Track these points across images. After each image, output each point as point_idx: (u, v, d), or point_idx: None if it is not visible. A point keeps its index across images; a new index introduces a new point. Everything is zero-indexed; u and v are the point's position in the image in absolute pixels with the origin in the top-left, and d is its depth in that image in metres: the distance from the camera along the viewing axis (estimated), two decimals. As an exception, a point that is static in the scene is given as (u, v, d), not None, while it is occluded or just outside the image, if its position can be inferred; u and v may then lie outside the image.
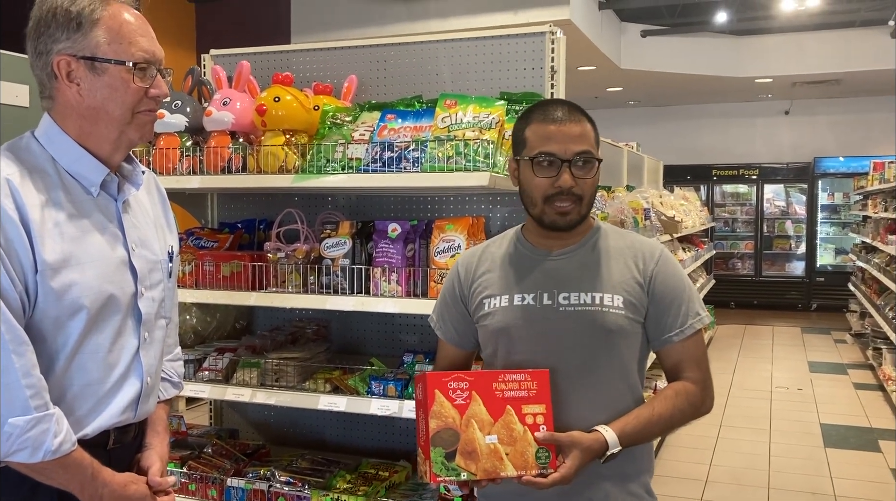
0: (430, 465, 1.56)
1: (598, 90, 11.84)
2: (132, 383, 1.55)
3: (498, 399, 1.62)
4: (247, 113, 2.55)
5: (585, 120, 1.79)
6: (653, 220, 5.40)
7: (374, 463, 2.69)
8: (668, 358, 1.80)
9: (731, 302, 12.44)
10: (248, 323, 3.21)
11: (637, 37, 10.49)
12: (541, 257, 1.82)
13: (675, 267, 1.82)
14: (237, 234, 2.86)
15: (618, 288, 1.76)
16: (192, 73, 2.72)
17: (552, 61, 2.70)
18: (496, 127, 2.27)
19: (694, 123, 13.59)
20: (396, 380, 2.40)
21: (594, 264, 1.80)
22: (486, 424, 1.60)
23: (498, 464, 1.58)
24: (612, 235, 1.85)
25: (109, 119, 1.50)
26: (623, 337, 1.75)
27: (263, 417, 3.20)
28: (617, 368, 1.76)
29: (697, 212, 8.63)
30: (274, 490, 2.53)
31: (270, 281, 2.53)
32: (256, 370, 2.58)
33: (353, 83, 2.84)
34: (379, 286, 2.38)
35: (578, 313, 1.74)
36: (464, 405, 1.60)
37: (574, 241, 1.81)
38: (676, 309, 1.77)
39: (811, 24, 10.04)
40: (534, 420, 1.62)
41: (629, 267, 1.79)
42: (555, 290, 1.77)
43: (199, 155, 2.55)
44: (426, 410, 1.60)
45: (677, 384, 1.78)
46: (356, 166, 2.34)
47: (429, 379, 1.61)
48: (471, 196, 2.83)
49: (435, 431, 1.57)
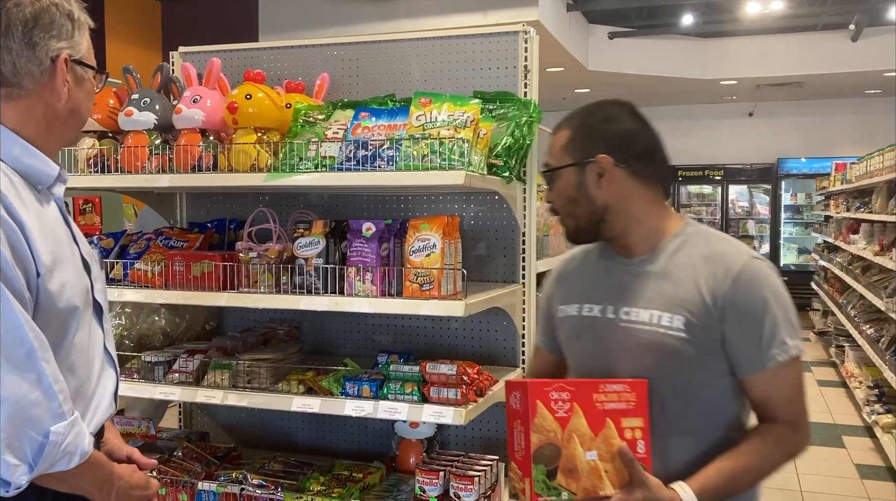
0: (531, 484, 1.44)
1: (566, 91, 11.91)
2: (109, 375, 1.58)
3: (598, 411, 1.50)
4: (217, 110, 2.52)
5: (562, 127, 1.73)
6: (622, 220, 5.44)
7: (348, 465, 2.67)
8: (752, 392, 1.59)
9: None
10: (219, 325, 3.17)
11: (604, 38, 10.58)
12: (617, 265, 1.71)
13: (756, 287, 1.56)
14: (207, 234, 2.82)
15: (679, 308, 1.58)
16: (161, 69, 2.67)
17: (525, 60, 2.71)
18: (471, 125, 2.27)
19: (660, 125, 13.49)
20: (371, 381, 2.38)
21: (661, 278, 1.63)
22: (586, 439, 1.48)
23: (598, 483, 1.47)
24: (696, 243, 1.65)
25: (79, 122, 1.55)
26: (681, 362, 1.57)
27: (234, 419, 3.16)
28: (676, 397, 1.59)
29: (665, 212, 8.70)
30: (246, 493, 2.49)
31: (242, 281, 2.49)
32: (228, 371, 2.54)
33: (326, 81, 2.81)
34: (353, 286, 2.36)
35: (635, 331, 1.62)
36: (565, 418, 1.47)
37: (647, 249, 1.67)
38: (755, 338, 1.55)
39: (775, 27, 10.21)
40: (632, 435, 1.50)
41: (697, 284, 1.58)
42: (619, 303, 1.66)
43: (169, 153, 2.51)
44: (526, 423, 1.46)
45: (764, 427, 1.58)
46: (330, 165, 2.32)
47: (530, 388, 1.48)
48: (445, 195, 2.82)
49: (537, 446, 1.45)
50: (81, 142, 2.64)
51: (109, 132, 2.68)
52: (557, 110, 1.84)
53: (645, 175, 1.69)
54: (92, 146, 2.62)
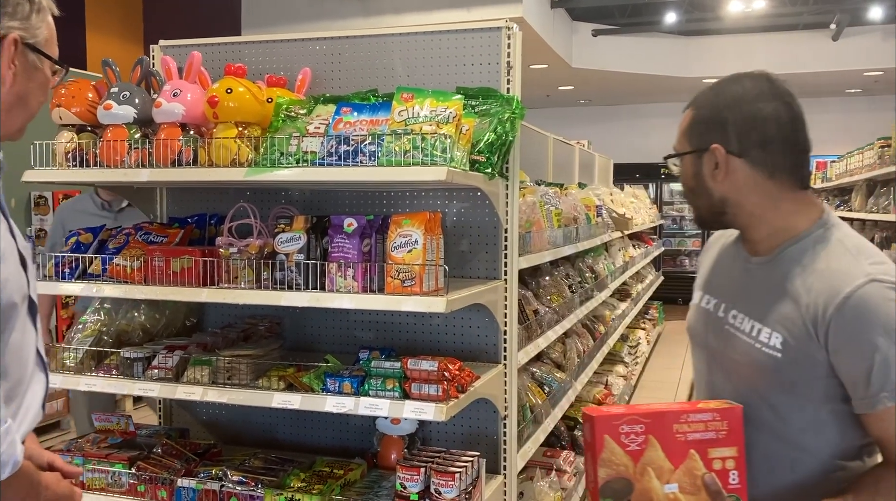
0: None
1: (549, 89, 11.94)
2: (40, 379, 1.48)
3: (679, 442, 1.40)
4: (198, 104, 2.49)
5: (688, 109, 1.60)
6: (604, 217, 5.46)
7: (329, 461, 2.66)
8: (869, 429, 1.41)
9: (679, 298, 12.64)
10: (199, 321, 3.14)
11: (588, 36, 10.61)
12: (740, 261, 1.60)
13: (864, 319, 1.35)
14: (188, 229, 2.80)
15: (780, 324, 1.44)
16: (140, 63, 2.64)
17: (508, 56, 2.70)
18: (453, 121, 2.26)
19: (643, 122, 13.79)
20: (352, 377, 2.37)
21: (772, 285, 1.49)
22: (665, 472, 1.39)
23: None
24: (817, 248, 1.46)
25: (25, 113, 1.45)
26: (779, 386, 1.44)
27: (214, 416, 3.14)
28: (772, 423, 1.47)
29: (647, 209, 8.76)
30: (226, 490, 2.48)
31: (222, 276, 2.47)
32: (208, 368, 2.53)
33: (308, 76, 2.79)
34: (334, 281, 2.35)
35: (735, 340, 1.51)
36: (638, 451, 1.39)
37: (765, 250, 1.53)
38: (862, 372, 1.36)
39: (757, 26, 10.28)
40: (723, 466, 1.40)
41: (801, 302, 1.42)
42: (730, 303, 1.56)
43: (149, 147, 2.48)
44: (594, 456, 1.40)
45: (883, 471, 1.41)
46: (311, 160, 2.31)
47: (597, 421, 1.40)
48: (428, 191, 2.82)
49: (605, 481, 1.38)
50: (59, 135, 2.61)
51: (88, 126, 2.64)
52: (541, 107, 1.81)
53: (769, 166, 1.50)
54: (70, 140, 2.59)
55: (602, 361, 5.34)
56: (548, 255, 3.49)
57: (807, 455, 1.47)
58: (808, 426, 1.46)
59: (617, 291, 6.58)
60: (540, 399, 3.43)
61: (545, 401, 3.46)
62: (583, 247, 4.43)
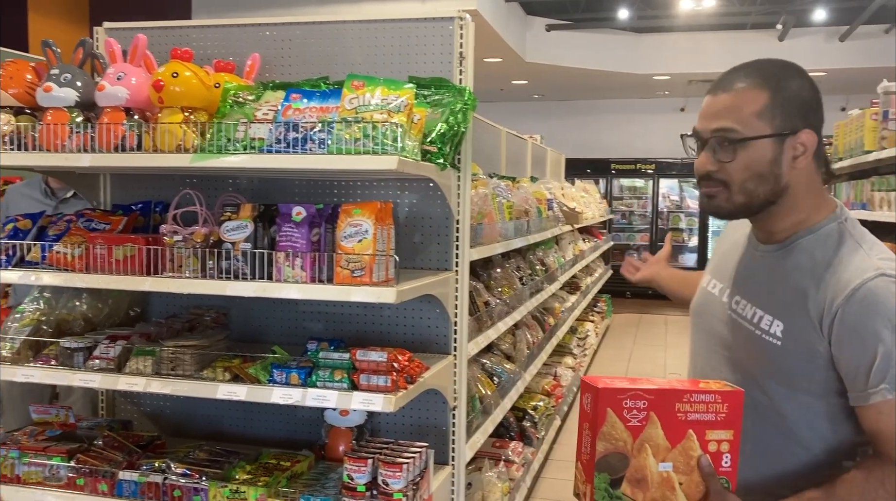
0: (592, 491, 1.38)
1: (503, 82, 11.96)
2: None
3: (679, 421, 1.38)
4: (143, 88, 2.43)
5: (752, 86, 1.46)
6: (555, 211, 5.50)
7: (276, 453, 2.62)
8: (863, 422, 1.42)
9: (627, 291, 12.83)
10: (144, 311, 3.07)
11: (542, 31, 10.67)
12: (751, 248, 1.59)
13: (872, 311, 1.37)
14: (132, 217, 2.73)
15: (783, 313, 1.44)
16: (83, 44, 2.56)
17: (461, 47, 2.69)
18: (405, 110, 2.24)
19: (595, 118, 13.93)
20: (300, 369, 2.34)
21: (777, 273, 1.49)
22: (661, 450, 1.38)
23: (669, 495, 1.38)
24: (829, 242, 1.47)
25: None
26: (777, 374, 1.45)
27: (159, 407, 3.08)
28: (765, 410, 1.48)
29: (597, 204, 8.85)
30: (169, 483, 2.43)
31: (167, 265, 2.41)
32: (151, 358, 2.47)
33: (257, 62, 2.74)
34: (282, 271, 2.31)
35: (737, 325, 1.51)
36: (639, 427, 1.37)
37: (777, 238, 1.52)
38: (864, 365, 1.37)
39: (707, 24, 10.45)
40: (717, 448, 1.39)
41: (806, 293, 1.43)
42: (735, 289, 1.55)
43: (91, 132, 2.41)
44: (594, 429, 1.38)
45: (874, 464, 1.40)
46: (259, 147, 2.26)
47: (601, 394, 1.37)
48: (378, 181, 2.79)
49: (602, 455, 1.37)
50: (-4, 117, 2.52)
51: (27, 108, 2.56)
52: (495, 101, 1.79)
53: (820, 155, 1.49)
54: (7, 122, 2.50)
55: (551, 353, 5.39)
56: (499, 247, 3.50)
57: (799, 448, 1.48)
58: (802, 418, 1.46)
59: (567, 284, 6.64)
60: (489, 390, 3.44)
61: (495, 392, 3.48)
62: (534, 240, 4.45)
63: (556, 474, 4.92)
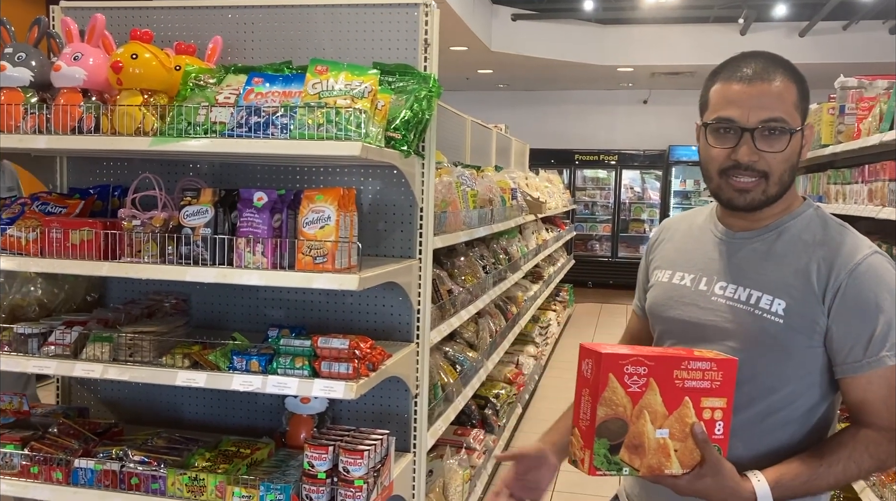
0: (591, 457, 1.39)
1: (469, 71, 11.95)
2: None
3: (677, 388, 1.40)
4: (101, 69, 2.38)
5: (786, 78, 1.49)
6: (519, 200, 5.52)
7: (236, 441, 2.60)
8: (851, 393, 1.50)
9: (589, 281, 12.96)
10: (101, 296, 3.02)
11: (508, 20, 10.66)
12: (720, 236, 1.61)
13: (875, 283, 1.46)
14: (89, 201, 2.67)
15: (783, 291, 1.49)
16: (38, 23, 2.50)
17: (426, 34, 2.68)
18: (369, 96, 2.23)
19: (559, 109, 13.99)
20: (260, 355, 2.32)
21: (770, 256, 1.54)
22: (658, 416, 1.40)
23: (664, 461, 1.41)
24: (813, 225, 1.55)
25: None
26: (777, 352, 1.49)
27: (116, 395, 3.03)
28: (767, 388, 1.51)
29: (560, 194, 8.90)
30: (127, 470, 2.39)
31: (125, 250, 2.37)
32: (108, 344, 2.43)
33: (219, 45, 2.70)
34: (243, 257, 2.29)
35: (730, 309, 1.53)
36: (638, 393, 1.39)
37: (760, 224, 1.57)
38: (864, 335, 1.45)
39: (671, 17, 10.54)
40: (711, 416, 1.42)
41: (808, 270, 1.49)
42: (716, 276, 1.57)
43: (47, 113, 2.35)
44: (595, 394, 1.39)
45: (861, 431, 1.48)
46: (220, 131, 2.23)
47: (604, 359, 1.38)
48: (341, 167, 2.77)
49: (602, 420, 1.39)
50: (-53, 97, 2.45)
51: (-21, 88, 2.49)
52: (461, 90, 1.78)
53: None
54: (-41, 102, 2.43)
55: (513, 341, 5.42)
56: (463, 236, 3.50)
57: (789, 423, 1.54)
58: (794, 392, 1.52)
59: (529, 273, 6.67)
60: (452, 377, 3.45)
61: (457, 380, 3.49)
62: (497, 229, 4.47)
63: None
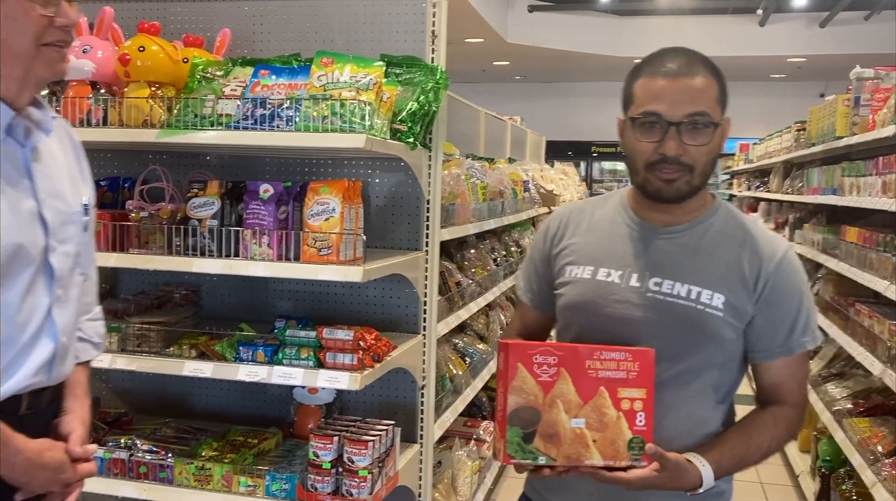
0: (505, 445, 1.41)
1: (485, 63, 11.92)
2: (45, 344, 1.42)
3: (590, 378, 1.42)
4: (109, 62, 2.40)
5: (708, 73, 1.51)
6: (532, 193, 5.50)
7: (244, 431, 2.63)
8: (767, 376, 1.58)
9: (607, 275, 12.88)
10: (112, 287, 3.05)
11: (524, 12, 10.62)
12: (642, 232, 1.60)
13: (797, 274, 1.57)
14: (99, 192, 2.69)
15: (721, 285, 1.53)
16: (48, 16, 2.52)
17: (433, 26, 2.68)
18: (374, 88, 2.23)
19: (576, 100, 13.92)
20: (266, 346, 2.34)
21: (700, 251, 1.56)
22: (573, 406, 1.42)
23: (583, 451, 1.42)
24: (732, 220, 1.61)
25: (12, 54, 1.33)
26: (717, 343, 1.53)
27: (126, 384, 3.06)
28: (705, 377, 1.56)
29: (576, 186, 8.86)
30: (135, 459, 2.43)
31: (133, 241, 2.40)
32: (117, 335, 2.46)
33: (227, 37, 2.71)
34: (249, 249, 2.30)
35: (668, 305, 1.53)
36: (549, 382, 1.41)
37: (684, 219, 1.59)
38: (789, 323, 1.54)
39: (688, 8, 10.45)
40: (630, 406, 1.43)
41: (739, 264, 1.54)
42: (647, 272, 1.56)
43: (56, 105, 2.38)
44: (505, 383, 1.42)
45: (777, 409, 1.58)
46: (226, 123, 2.25)
47: (511, 348, 1.42)
48: (349, 160, 2.78)
49: (513, 408, 1.41)
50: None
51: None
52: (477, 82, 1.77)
53: None
54: (-29, 94, 2.46)
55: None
56: (472, 228, 3.50)
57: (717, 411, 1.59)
58: (723, 381, 1.59)
59: (543, 266, 6.64)
60: (461, 369, 3.45)
61: (466, 372, 3.49)
62: (508, 221, 4.45)
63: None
